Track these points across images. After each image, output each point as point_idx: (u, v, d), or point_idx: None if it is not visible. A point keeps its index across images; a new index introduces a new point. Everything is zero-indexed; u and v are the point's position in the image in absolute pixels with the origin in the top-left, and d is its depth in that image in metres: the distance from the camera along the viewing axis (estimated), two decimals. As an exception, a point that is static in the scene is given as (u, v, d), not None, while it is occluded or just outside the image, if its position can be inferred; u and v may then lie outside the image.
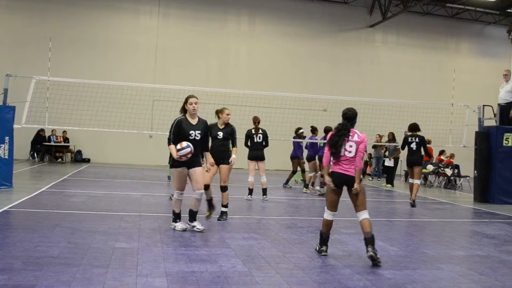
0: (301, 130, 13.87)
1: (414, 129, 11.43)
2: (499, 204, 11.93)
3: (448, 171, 16.82)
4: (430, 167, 17.08)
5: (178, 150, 6.44)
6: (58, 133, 20.42)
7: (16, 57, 19.48)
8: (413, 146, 11.24)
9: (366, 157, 20.47)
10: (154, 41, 21.81)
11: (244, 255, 5.54)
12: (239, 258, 5.37)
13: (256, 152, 10.65)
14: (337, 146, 5.56)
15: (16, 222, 7.12)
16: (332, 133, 5.71)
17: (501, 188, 12.27)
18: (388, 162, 16.74)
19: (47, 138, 20.16)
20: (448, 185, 16.87)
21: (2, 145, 10.34)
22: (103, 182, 13.13)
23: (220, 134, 7.93)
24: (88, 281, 4.28)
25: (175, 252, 5.52)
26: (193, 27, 22.14)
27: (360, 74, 23.62)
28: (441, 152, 17.59)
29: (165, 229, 6.81)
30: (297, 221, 8.23)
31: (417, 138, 11.27)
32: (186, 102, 6.72)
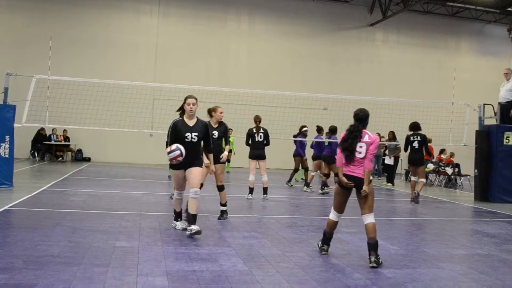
0: (305, 128, 13.89)
1: (416, 128, 11.45)
2: (500, 203, 11.93)
3: (449, 170, 16.82)
4: (431, 166, 17.07)
5: (168, 153, 6.19)
6: (59, 132, 20.44)
7: (17, 56, 19.50)
8: (415, 145, 11.27)
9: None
10: (154, 40, 21.82)
11: (245, 254, 5.54)
12: (240, 257, 5.38)
13: (257, 151, 10.64)
14: (351, 149, 5.43)
15: (17, 221, 7.12)
16: (344, 135, 5.56)
17: (502, 187, 12.27)
18: (388, 161, 16.73)
19: (48, 137, 20.18)
20: (449, 184, 16.88)
21: (3, 144, 10.35)
22: (104, 181, 13.13)
23: (215, 133, 7.76)
24: (89, 280, 4.28)
25: (176, 251, 5.52)
26: (193, 26, 22.14)
27: (360, 73, 23.61)
28: (442, 151, 17.60)
29: (166, 228, 6.81)
30: (298, 220, 8.23)
31: (419, 137, 11.30)
32: (185, 102, 6.50)
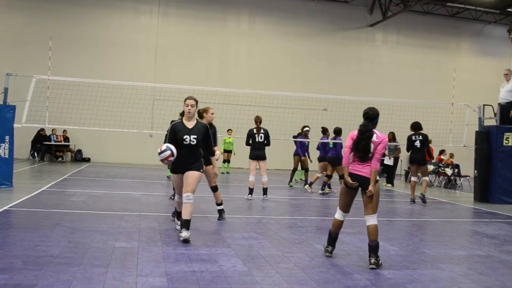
0: (306, 129, 13.90)
1: (417, 128, 11.50)
2: (499, 204, 11.93)
3: (448, 171, 16.83)
4: (430, 167, 17.09)
5: (159, 154, 5.99)
6: (59, 133, 20.43)
7: (17, 56, 19.49)
8: (417, 144, 11.33)
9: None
10: (154, 40, 21.82)
11: (244, 255, 5.54)
12: (239, 258, 5.38)
13: (258, 152, 10.64)
14: (366, 150, 5.29)
15: (17, 222, 7.12)
16: (356, 137, 5.37)
17: (501, 188, 12.27)
18: (388, 161, 16.73)
19: (48, 138, 20.18)
20: (448, 185, 16.88)
21: (3, 145, 10.35)
22: (103, 182, 13.13)
23: None
24: (88, 281, 4.28)
25: (175, 252, 5.52)
26: (193, 26, 22.15)
27: (360, 74, 23.62)
28: (441, 152, 17.61)
29: (165, 229, 6.81)
30: (297, 221, 8.23)
31: (421, 136, 11.38)
32: (184, 104, 6.33)
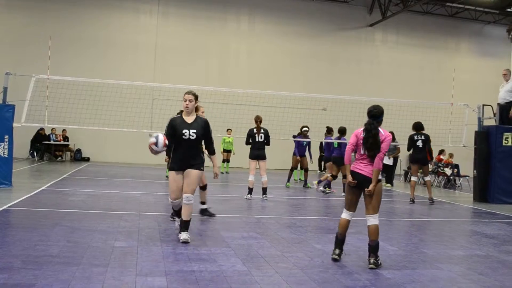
0: (305, 129, 13.93)
1: (419, 128, 11.60)
2: (499, 204, 11.93)
3: (448, 171, 16.83)
4: (429, 167, 17.10)
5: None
6: (58, 132, 20.43)
7: (16, 56, 19.48)
8: (420, 144, 11.42)
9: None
10: (154, 40, 21.82)
11: (244, 255, 5.54)
12: (239, 258, 5.38)
13: (258, 152, 10.64)
14: (375, 147, 5.22)
15: (16, 221, 7.11)
16: (363, 136, 5.30)
17: (501, 188, 12.28)
18: (387, 161, 16.73)
19: (47, 137, 20.16)
20: (448, 185, 16.89)
21: (2, 144, 10.34)
22: (103, 181, 13.12)
23: None
24: (88, 280, 4.28)
25: (175, 252, 5.51)
26: (193, 26, 22.15)
27: (360, 74, 23.63)
28: (441, 152, 17.62)
29: (165, 228, 6.80)
30: (297, 221, 8.23)
31: (423, 136, 11.46)
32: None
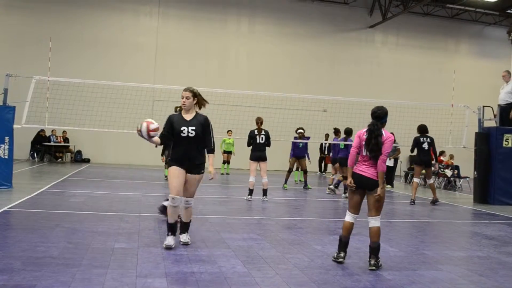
0: (300, 131, 13.94)
1: (424, 131, 11.75)
2: (499, 205, 11.92)
3: (448, 172, 16.83)
4: (436, 167, 17.10)
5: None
6: (58, 133, 20.44)
7: (16, 57, 19.50)
8: (425, 146, 11.60)
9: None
10: (154, 42, 21.83)
11: (244, 256, 5.54)
12: (239, 259, 5.37)
13: (259, 153, 10.65)
14: (377, 148, 5.21)
15: (16, 222, 7.12)
16: (366, 137, 5.30)
17: (501, 189, 12.27)
18: (388, 162, 16.71)
19: (47, 138, 20.17)
20: (448, 186, 16.89)
21: (2, 145, 10.35)
22: (103, 183, 13.13)
23: None
24: (88, 282, 4.28)
25: (175, 253, 5.51)
26: (193, 28, 22.16)
27: (360, 75, 23.63)
28: (441, 153, 17.61)
29: (165, 230, 6.77)
30: (297, 222, 8.23)
31: (428, 139, 11.61)
32: None
